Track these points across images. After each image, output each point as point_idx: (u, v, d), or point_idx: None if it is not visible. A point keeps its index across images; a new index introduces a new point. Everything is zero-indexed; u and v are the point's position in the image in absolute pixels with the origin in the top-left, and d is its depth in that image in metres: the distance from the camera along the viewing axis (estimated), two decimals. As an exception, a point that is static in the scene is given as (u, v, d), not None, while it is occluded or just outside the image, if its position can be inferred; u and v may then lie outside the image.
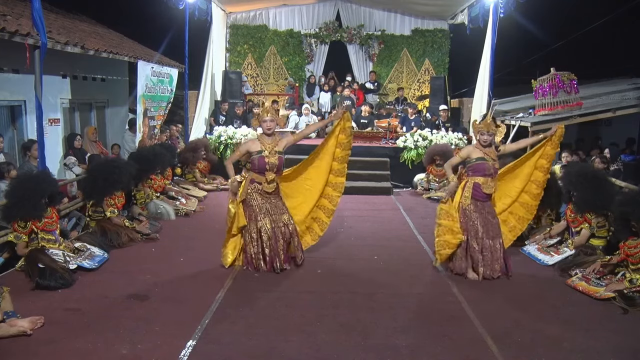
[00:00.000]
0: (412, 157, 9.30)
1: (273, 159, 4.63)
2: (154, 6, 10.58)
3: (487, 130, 4.68)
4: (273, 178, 4.67)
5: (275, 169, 4.66)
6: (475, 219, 4.68)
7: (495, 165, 4.70)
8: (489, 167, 4.66)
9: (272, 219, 4.70)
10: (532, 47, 13.17)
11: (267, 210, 4.70)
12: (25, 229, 4.47)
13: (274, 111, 4.81)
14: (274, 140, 4.72)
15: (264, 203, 4.71)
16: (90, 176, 5.67)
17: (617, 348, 3.47)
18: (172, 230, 6.16)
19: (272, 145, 4.66)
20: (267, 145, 4.67)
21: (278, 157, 4.65)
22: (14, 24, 6.08)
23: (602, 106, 9.17)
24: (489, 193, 4.69)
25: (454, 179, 4.84)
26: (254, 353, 3.32)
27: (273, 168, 4.64)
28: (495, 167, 4.69)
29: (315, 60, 13.58)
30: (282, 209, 4.78)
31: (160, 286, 4.34)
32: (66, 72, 8.59)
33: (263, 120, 4.71)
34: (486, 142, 4.70)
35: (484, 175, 4.67)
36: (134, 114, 9.78)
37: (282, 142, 4.75)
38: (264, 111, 4.77)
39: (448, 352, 3.39)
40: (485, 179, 4.67)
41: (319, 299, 4.21)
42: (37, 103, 5.13)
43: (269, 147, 4.65)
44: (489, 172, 4.66)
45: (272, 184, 4.67)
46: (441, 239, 4.75)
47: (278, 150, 4.67)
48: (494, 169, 4.68)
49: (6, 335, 3.33)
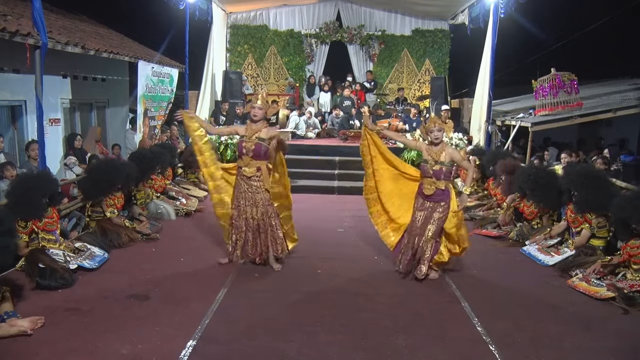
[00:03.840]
0: (413, 157, 9.28)
1: (249, 144, 4.69)
2: (154, 6, 10.61)
3: (434, 126, 4.56)
4: (248, 162, 4.70)
5: (252, 154, 4.68)
6: (415, 215, 4.68)
7: (434, 168, 4.51)
8: (427, 169, 4.56)
9: (244, 209, 4.77)
10: (532, 47, 13.18)
11: (245, 198, 4.76)
12: (26, 229, 4.47)
13: (266, 102, 4.85)
14: (258, 127, 4.74)
15: (245, 192, 4.76)
16: (87, 176, 5.69)
17: (617, 348, 3.47)
18: (173, 231, 6.17)
19: (254, 131, 4.71)
20: (250, 130, 4.74)
21: (256, 143, 4.67)
22: (15, 24, 6.09)
23: (602, 106, 9.18)
24: (427, 194, 4.58)
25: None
26: (254, 353, 3.32)
27: (249, 153, 4.69)
28: (434, 169, 4.51)
29: (315, 61, 13.58)
30: (257, 202, 4.76)
31: (160, 286, 4.34)
32: (67, 72, 8.59)
33: (252, 107, 4.82)
34: (438, 139, 4.58)
35: (425, 176, 4.62)
36: (134, 114, 9.78)
37: (267, 132, 4.74)
38: (255, 98, 4.88)
39: (448, 352, 3.39)
40: (425, 180, 4.62)
41: (319, 299, 4.21)
42: (38, 103, 5.13)
43: (250, 132, 4.72)
44: (427, 174, 4.57)
45: (250, 168, 4.70)
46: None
47: (259, 137, 4.69)
48: (433, 170, 4.52)
49: (6, 335, 3.33)
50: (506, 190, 6.69)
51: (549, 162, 8.63)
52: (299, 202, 8.19)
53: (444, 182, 4.54)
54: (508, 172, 6.63)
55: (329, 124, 11.55)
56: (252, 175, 4.71)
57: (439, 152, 4.55)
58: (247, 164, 4.71)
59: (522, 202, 6.25)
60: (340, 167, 9.29)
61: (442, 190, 4.54)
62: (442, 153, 4.54)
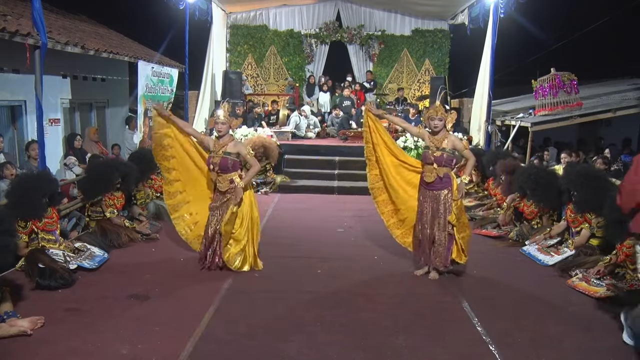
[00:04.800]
0: (413, 157, 9.29)
1: (215, 159, 4.67)
2: (154, 6, 10.61)
3: (436, 115, 4.59)
4: (216, 177, 4.68)
5: (218, 168, 4.66)
6: (420, 206, 4.69)
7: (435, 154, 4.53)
8: (428, 155, 4.58)
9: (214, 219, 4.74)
10: (532, 47, 13.17)
11: (219, 209, 4.73)
12: (26, 229, 4.47)
13: (228, 116, 4.76)
14: (224, 141, 4.71)
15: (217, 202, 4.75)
16: (86, 176, 5.68)
17: (617, 348, 3.47)
18: (172, 230, 6.13)
19: (220, 146, 4.69)
20: (217, 145, 4.72)
21: (222, 157, 4.65)
22: (15, 24, 6.09)
23: (602, 106, 9.18)
24: (427, 182, 4.60)
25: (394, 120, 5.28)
26: (254, 353, 3.32)
27: (215, 167, 4.66)
28: (435, 155, 4.53)
29: (315, 61, 13.59)
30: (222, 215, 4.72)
31: (160, 286, 4.34)
32: (66, 72, 8.59)
33: (215, 122, 4.77)
34: (437, 128, 4.60)
35: (426, 163, 4.63)
36: (134, 114, 9.78)
37: (234, 145, 4.71)
38: (217, 114, 4.81)
39: (448, 352, 3.39)
40: (426, 167, 4.62)
41: (319, 299, 4.21)
42: (38, 103, 5.13)
43: (217, 147, 4.70)
44: (428, 161, 4.58)
45: (222, 183, 4.67)
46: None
47: (225, 152, 4.66)
48: (434, 157, 4.54)
49: (6, 335, 3.33)
50: (506, 190, 6.69)
51: (549, 162, 8.63)
52: (299, 202, 8.26)
53: (444, 169, 4.55)
54: (508, 172, 6.63)
55: (329, 124, 11.56)
56: (226, 189, 4.68)
57: (441, 139, 4.58)
58: (217, 179, 4.69)
59: (522, 202, 6.25)
60: (340, 167, 9.29)
61: (441, 178, 4.56)
62: (445, 140, 4.57)
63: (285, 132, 10.52)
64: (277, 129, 10.73)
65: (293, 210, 7.58)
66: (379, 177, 4.99)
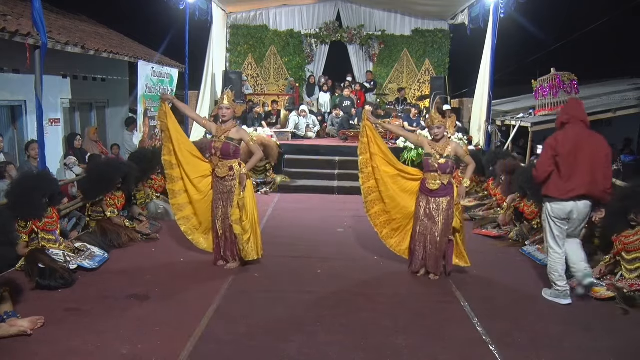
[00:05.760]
0: (413, 157, 9.28)
1: (217, 144, 4.70)
2: (154, 6, 10.60)
3: (433, 124, 4.60)
4: (217, 163, 4.71)
5: (220, 153, 4.68)
6: (421, 212, 4.68)
7: (440, 161, 4.53)
8: (432, 163, 4.57)
9: (223, 211, 4.76)
10: (532, 47, 13.18)
11: (221, 199, 4.75)
12: (26, 229, 4.47)
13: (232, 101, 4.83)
14: (227, 127, 4.74)
15: (219, 192, 4.76)
16: (88, 176, 5.69)
17: (617, 348, 3.47)
18: (172, 230, 6.15)
19: (223, 131, 4.72)
20: (220, 130, 4.75)
21: (224, 142, 4.67)
22: (15, 24, 6.09)
23: (602, 106, 9.17)
24: (432, 189, 4.60)
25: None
26: (254, 353, 3.32)
27: (217, 152, 4.70)
28: (439, 162, 4.54)
29: (315, 61, 13.58)
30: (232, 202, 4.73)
31: (160, 286, 4.34)
32: (66, 72, 8.60)
33: (219, 107, 4.81)
34: (438, 136, 4.62)
35: (428, 171, 4.63)
36: (134, 114, 9.79)
37: (237, 131, 4.74)
38: (221, 98, 4.85)
39: (448, 352, 3.39)
40: (429, 174, 4.62)
41: (319, 299, 4.21)
42: (38, 103, 5.13)
43: (219, 132, 4.74)
44: (432, 169, 4.58)
45: (222, 169, 4.70)
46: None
47: (228, 137, 4.69)
48: (438, 164, 4.55)
49: (6, 335, 3.33)
50: (506, 190, 6.69)
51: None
52: (299, 202, 8.26)
53: (447, 176, 4.57)
54: (508, 172, 6.63)
55: (329, 124, 11.56)
56: (224, 175, 4.70)
57: (444, 146, 4.60)
58: (217, 164, 4.72)
59: (522, 202, 6.24)
60: (340, 167, 9.29)
61: (445, 185, 4.58)
62: (447, 147, 4.59)
63: (285, 132, 10.53)
64: (277, 129, 10.74)
65: (293, 210, 7.58)
66: (373, 188, 4.93)
